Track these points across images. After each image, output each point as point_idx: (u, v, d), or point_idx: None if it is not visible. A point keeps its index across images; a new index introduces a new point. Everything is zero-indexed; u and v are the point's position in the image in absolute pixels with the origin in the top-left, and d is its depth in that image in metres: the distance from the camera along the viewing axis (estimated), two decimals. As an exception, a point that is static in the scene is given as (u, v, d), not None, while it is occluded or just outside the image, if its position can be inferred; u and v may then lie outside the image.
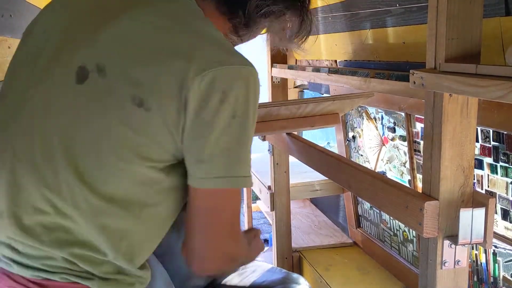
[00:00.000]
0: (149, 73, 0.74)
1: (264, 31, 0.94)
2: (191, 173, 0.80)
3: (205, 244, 0.86)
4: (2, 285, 0.82)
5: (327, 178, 1.88)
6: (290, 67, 2.43)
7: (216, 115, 0.75)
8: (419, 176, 2.05)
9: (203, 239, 0.85)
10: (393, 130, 2.19)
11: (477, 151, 1.62)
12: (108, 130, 0.75)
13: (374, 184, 1.34)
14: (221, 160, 0.78)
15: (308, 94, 3.53)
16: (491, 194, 1.60)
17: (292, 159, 2.50)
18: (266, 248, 3.82)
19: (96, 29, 0.80)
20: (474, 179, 1.31)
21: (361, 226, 2.76)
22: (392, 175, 2.26)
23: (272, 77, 2.61)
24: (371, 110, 2.34)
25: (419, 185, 2.04)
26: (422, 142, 1.91)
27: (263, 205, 3.55)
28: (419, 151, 2.01)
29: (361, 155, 2.55)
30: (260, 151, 3.44)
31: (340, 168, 1.58)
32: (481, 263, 1.70)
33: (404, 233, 2.28)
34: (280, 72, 2.53)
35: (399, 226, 2.33)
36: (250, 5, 0.87)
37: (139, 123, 0.74)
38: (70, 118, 0.76)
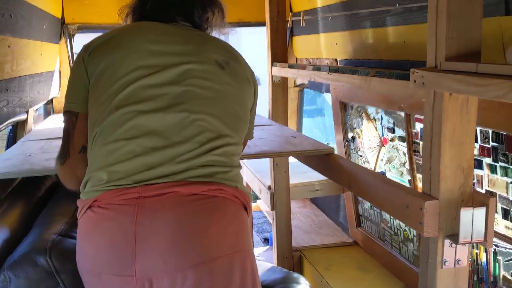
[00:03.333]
0: (244, 65, 1.29)
1: None
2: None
3: None
4: None
5: (327, 178, 1.88)
6: (291, 66, 2.43)
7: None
8: (419, 176, 2.05)
9: None
10: (392, 130, 2.19)
11: (476, 152, 1.62)
12: (240, 92, 1.25)
13: (374, 184, 1.34)
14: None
15: (308, 92, 3.53)
16: (491, 194, 1.60)
17: (292, 159, 2.50)
18: (266, 248, 3.82)
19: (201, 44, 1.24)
20: (474, 179, 1.31)
21: (362, 225, 2.76)
22: (391, 175, 2.26)
23: (272, 76, 2.61)
24: (371, 110, 2.34)
25: (419, 185, 2.04)
26: (421, 143, 1.91)
27: (263, 205, 3.55)
28: (419, 152, 2.01)
29: (361, 156, 2.55)
30: (260, 151, 3.43)
31: (340, 169, 1.58)
32: (481, 262, 1.70)
33: (405, 232, 2.29)
34: (280, 71, 2.53)
35: (400, 225, 2.33)
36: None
37: (248, 89, 1.28)
38: (223, 86, 1.20)
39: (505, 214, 1.57)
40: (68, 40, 2.77)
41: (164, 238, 1.04)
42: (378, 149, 2.35)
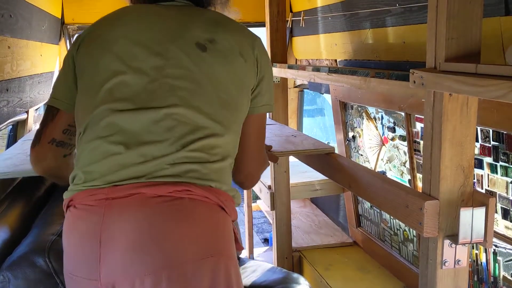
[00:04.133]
0: (237, 35, 1.19)
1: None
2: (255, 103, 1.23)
3: (257, 163, 1.29)
4: None
5: (327, 178, 1.88)
6: (290, 67, 2.43)
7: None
8: (419, 176, 2.05)
9: (256, 157, 1.27)
10: (393, 130, 2.19)
11: (477, 151, 1.62)
12: (227, 72, 1.15)
13: (374, 184, 1.34)
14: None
15: (308, 93, 3.53)
16: (491, 194, 1.60)
17: (292, 159, 2.50)
18: (266, 248, 3.82)
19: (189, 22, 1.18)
20: (474, 179, 1.31)
21: (362, 225, 2.76)
22: (392, 174, 2.26)
23: (272, 76, 2.61)
24: (371, 110, 2.34)
25: (419, 184, 2.04)
26: (422, 142, 1.91)
27: (263, 205, 3.55)
28: (419, 151, 2.01)
29: (361, 155, 2.55)
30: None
31: (340, 168, 1.58)
32: (481, 262, 1.70)
33: (405, 232, 2.28)
34: (280, 71, 2.53)
35: (400, 225, 2.33)
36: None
37: (242, 67, 1.17)
38: (203, 71, 1.13)
39: (505, 214, 1.57)
40: (67, 41, 2.77)
41: (125, 241, 1.00)
42: (379, 148, 2.35)
